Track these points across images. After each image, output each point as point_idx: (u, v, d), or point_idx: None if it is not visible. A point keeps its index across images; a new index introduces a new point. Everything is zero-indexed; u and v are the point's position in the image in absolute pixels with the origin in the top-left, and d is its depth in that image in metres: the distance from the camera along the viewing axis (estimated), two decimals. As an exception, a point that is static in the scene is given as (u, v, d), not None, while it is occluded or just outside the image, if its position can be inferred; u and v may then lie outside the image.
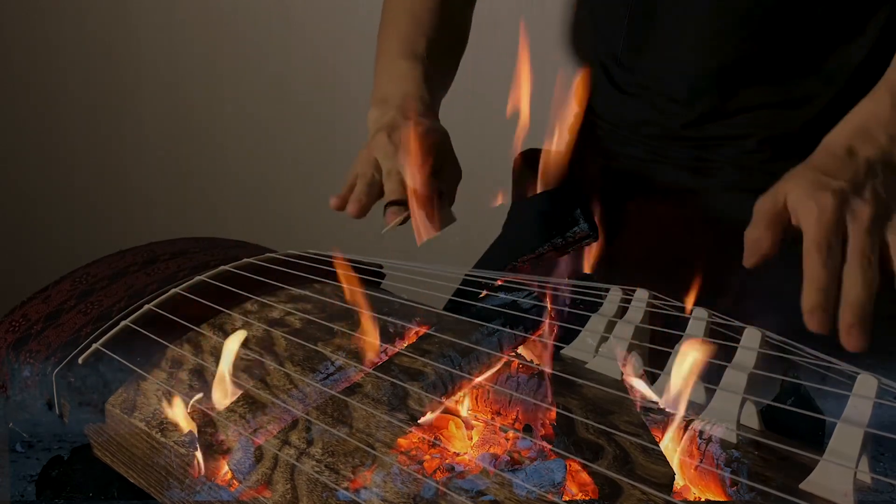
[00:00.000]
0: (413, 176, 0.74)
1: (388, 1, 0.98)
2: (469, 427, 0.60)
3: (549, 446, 0.55)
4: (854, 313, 0.58)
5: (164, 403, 0.64)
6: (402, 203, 0.74)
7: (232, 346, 0.65)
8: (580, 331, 0.72)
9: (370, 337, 0.63)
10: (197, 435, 0.59)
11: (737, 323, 0.62)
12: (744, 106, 0.88)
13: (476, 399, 0.64)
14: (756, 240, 0.62)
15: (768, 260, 0.61)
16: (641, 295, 0.69)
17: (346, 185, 0.79)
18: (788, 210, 0.62)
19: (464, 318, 0.68)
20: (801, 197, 0.61)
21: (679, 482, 0.55)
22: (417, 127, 0.78)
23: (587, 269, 0.81)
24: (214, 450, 0.59)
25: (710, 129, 0.89)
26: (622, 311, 0.70)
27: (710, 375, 0.63)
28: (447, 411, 0.61)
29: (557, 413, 0.58)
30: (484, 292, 0.72)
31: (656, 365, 0.67)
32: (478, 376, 0.63)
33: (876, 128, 0.66)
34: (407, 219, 0.74)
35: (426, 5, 0.95)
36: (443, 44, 0.94)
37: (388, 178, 0.76)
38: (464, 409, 0.63)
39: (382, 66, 0.91)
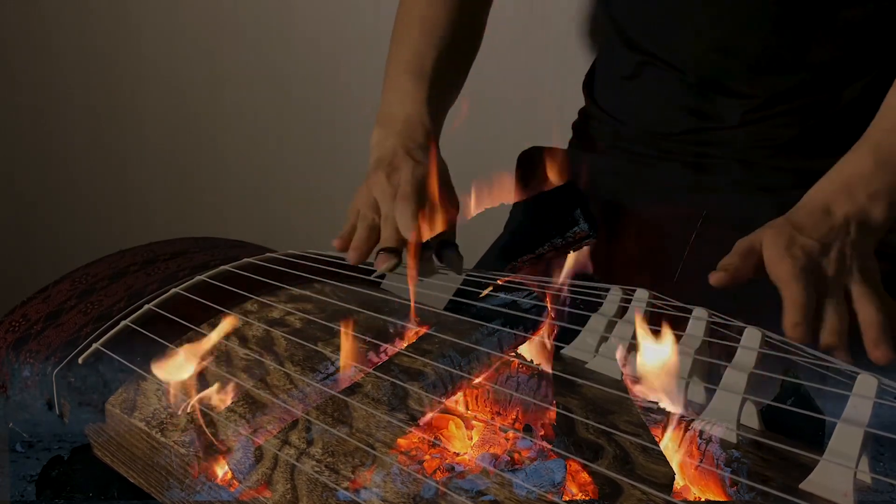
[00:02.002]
0: (406, 226, 0.75)
1: (402, 7, 0.97)
2: (469, 427, 0.60)
3: (549, 446, 0.55)
4: (833, 339, 0.63)
5: (165, 403, 0.64)
6: (395, 251, 0.75)
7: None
8: (580, 331, 0.72)
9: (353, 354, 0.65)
10: (197, 435, 0.59)
11: (737, 323, 0.62)
12: (744, 105, 0.88)
13: (476, 399, 0.64)
14: (728, 264, 0.66)
15: (731, 285, 0.66)
16: (641, 295, 0.69)
17: (347, 222, 0.80)
18: (763, 257, 0.66)
19: (464, 318, 0.68)
20: (775, 249, 0.66)
21: (679, 482, 0.55)
22: (416, 168, 0.79)
23: (587, 270, 0.81)
24: (214, 450, 0.59)
25: (711, 128, 0.89)
26: (622, 311, 0.70)
27: (711, 375, 0.63)
28: (447, 411, 0.61)
29: (557, 413, 0.58)
30: (484, 292, 0.72)
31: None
32: (478, 376, 0.63)
33: (857, 185, 0.69)
34: (397, 266, 0.75)
35: (440, 13, 0.94)
36: (454, 54, 0.94)
37: (385, 224, 0.77)
38: (463, 409, 0.63)
39: (389, 82, 0.91)
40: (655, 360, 0.60)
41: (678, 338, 0.61)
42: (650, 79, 0.93)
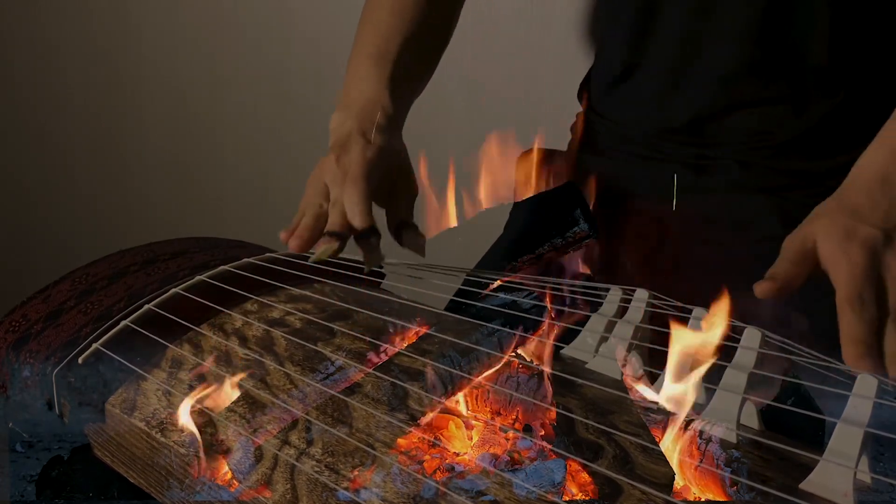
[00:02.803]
0: (352, 211, 0.71)
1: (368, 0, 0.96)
2: (469, 427, 0.60)
3: (549, 446, 0.55)
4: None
5: (164, 403, 0.64)
6: (339, 235, 0.71)
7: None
8: (580, 331, 0.72)
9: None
10: (197, 435, 0.59)
11: (737, 323, 0.62)
12: (746, 102, 0.87)
13: (476, 399, 0.63)
14: (782, 273, 0.60)
15: (783, 295, 0.60)
16: (641, 295, 0.69)
17: (297, 214, 0.76)
18: (818, 255, 0.60)
19: (464, 318, 0.68)
20: (831, 249, 0.59)
21: (679, 482, 0.55)
22: (367, 150, 0.75)
23: (587, 270, 0.81)
24: (214, 450, 0.59)
25: (712, 127, 0.89)
26: (622, 311, 0.70)
27: (711, 375, 0.63)
28: (447, 411, 0.61)
29: (557, 413, 0.58)
30: (484, 292, 0.72)
31: (656, 365, 0.67)
32: (478, 376, 0.63)
33: None
34: (338, 252, 0.71)
35: (406, 2, 0.92)
36: (421, 42, 0.91)
37: (333, 208, 0.73)
38: (463, 409, 0.63)
39: (352, 65, 0.88)
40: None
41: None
42: (643, 81, 0.93)
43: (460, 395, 0.63)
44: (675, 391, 0.58)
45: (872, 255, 0.58)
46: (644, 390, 0.64)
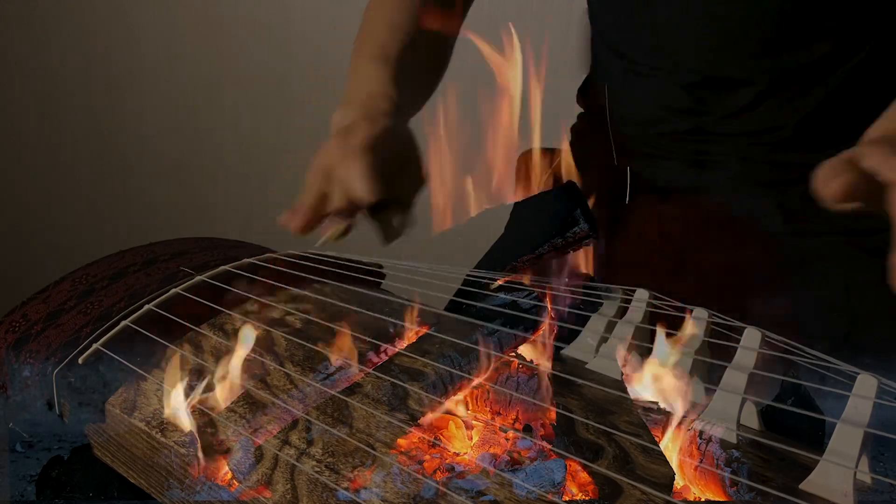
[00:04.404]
0: (355, 184, 0.67)
1: (368, 10, 0.96)
2: (469, 427, 0.60)
3: (549, 446, 0.55)
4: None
5: (165, 403, 0.64)
6: (347, 213, 0.68)
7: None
8: (580, 331, 0.72)
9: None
10: (197, 435, 0.59)
11: (737, 323, 0.62)
12: (745, 97, 0.88)
13: (476, 399, 0.63)
14: (833, 178, 0.53)
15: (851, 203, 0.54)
16: (641, 295, 0.69)
17: (299, 199, 0.73)
18: (865, 167, 0.54)
19: (464, 318, 0.68)
20: (881, 157, 0.53)
21: (679, 482, 0.55)
22: (373, 127, 0.72)
23: (587, 270, 0.81)
24: (214, 450, 0.59)
25: (712, 123, 0.89)
26: (622, 311, 0.70)
27: (711, 375, 0.63)
28: (447, 411, 0.61)
29: (557, 413, 0.58)
30: (484, 292, 0.72)
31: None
32: (478, 376, 0.63)
33: None
34: (347, 232, 0.68)
35: (405, 14, 0.91)
36: (419, 53, 0.91)
37: (335, 187, 0.71)
38: (463, 409, 0.63)
39: (356, 66, 0.88)
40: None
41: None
42: (642, 79, 0.93)
43: (460, 395, 0.63)
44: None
45: None
46: (642, 390, 0.64)
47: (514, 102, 0.74)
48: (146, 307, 0.72)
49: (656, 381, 0.62)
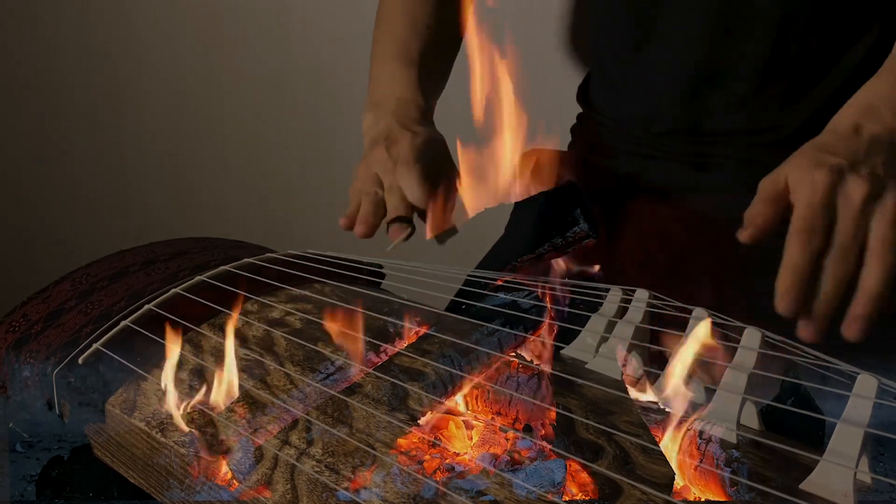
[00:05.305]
0: (412, 191, 0.73)
1: (384, 3, 0.97)
2: (469, 427, 0.60)
3: (549, 446, 0.55)
4: (822, 307, 0.59)
5: (165, 403, 0.64)
6: (406, 220, 0.73)
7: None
8: (580, 331, 0.72)
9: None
10: (197, 435, 0.59)
11: (737, 323, 0.62)
12: (744, 99, 0.88)
13: (476, 399, 0.64)
14: (755, 214, 0.62)
15: (763, 237, 0.61)
16: (641, 295, 0.69)
17: (351, 203, 0.78)
18: (788, 188, 0.62)
19: (464, 318, 0.68)
20: (798, 175, 0.61)
21: (679, 482, 0.55)
22: (415, 138, 0.77)
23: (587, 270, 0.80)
24: (214, 450, 0.59)
25: (711, 125, 0.90)
26: (622, 311, 0.70)
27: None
28: (447, 411, 0.61)
29: (557, 413, 0.58)
30: (484, 292, 0.72)
31: (656, 365, 0.67)
32: (478, 376, 0.63)
33: (882, 105, 0.66)
34: (410, 235, 0.73)
35: (422, 4, 0.93)
36: (439, 46, 0.93)
37: (390, 194, 0.75)
38: (463, 409, 0.63)
39: (377, 70, 0.90)
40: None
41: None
42: (642, 80, 0.93)
43: (460, 395, 0.63)
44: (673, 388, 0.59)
45: (835, 181, 0.60)
46: (643, 391, 0.64)
47: (513, 103, 0.76)
48: (146, 307, 0.72)
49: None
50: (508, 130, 0.75)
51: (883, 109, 0.66)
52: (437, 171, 0.79)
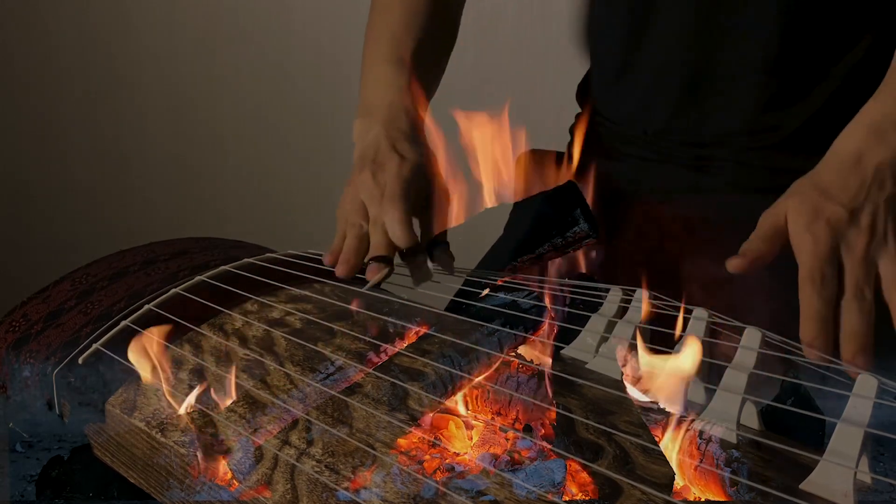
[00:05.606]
0: (395, 231, 0.72)
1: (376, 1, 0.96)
2: (469, 427, 0.60)
3: (549, 446, 0.55)
4: (854, 344, 0.59)
5: (165, 403, 0.64)
6: (386, 259, 0.72)
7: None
8: (580, 331, 0.72)
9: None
10: (197, 435, 0.59)
11: (737, 323, 0.62)
12: (741, 102, 0.87)
13: (476, 399, 0.63)
14: (751, 250, 0.63)
15: (753, 272, 0.63)
16: (641, 295, 0.69)
17: (337, 231, 0.77)
18: (788, 232, 0.63)
19: (464, 318, 0.68)
20: (798, 228, 0.62)
21: (679, 482, 0.55)
22: (402, 166, 0.75)
23: (587, 270, 0.81)
24: (214, 450, 0.59)
25: (710, 127, 0.89)
26: (622, 311, 0.70)
27: (711, 375, 0.63)
28: (447, 411, 0.61)
29: (557, 413, 0.58)
30: (484, 292, 0.72)
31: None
32: (478, 376, 0.63)
33: (890, 128, 0.65)
34: (388, 275, 0.72)
35: (420, 8, 0.92)
36: (433, 43, 0.92)
37: (374, 229, 0.73)
38: (463, 409, 0.63)
39: (368, 70, 0.89)
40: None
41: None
42: (640, 81, 0.93)
43: (460, 395, 0.63)
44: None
45: (836, 234, 0.61)
46: (638, 393, 0.64)
47: (512, 104, 0.75)
48: (146, 307, 0.72)
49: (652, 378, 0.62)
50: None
51: (890, 132, 0.65)
52: (423, 204, 0.77)
